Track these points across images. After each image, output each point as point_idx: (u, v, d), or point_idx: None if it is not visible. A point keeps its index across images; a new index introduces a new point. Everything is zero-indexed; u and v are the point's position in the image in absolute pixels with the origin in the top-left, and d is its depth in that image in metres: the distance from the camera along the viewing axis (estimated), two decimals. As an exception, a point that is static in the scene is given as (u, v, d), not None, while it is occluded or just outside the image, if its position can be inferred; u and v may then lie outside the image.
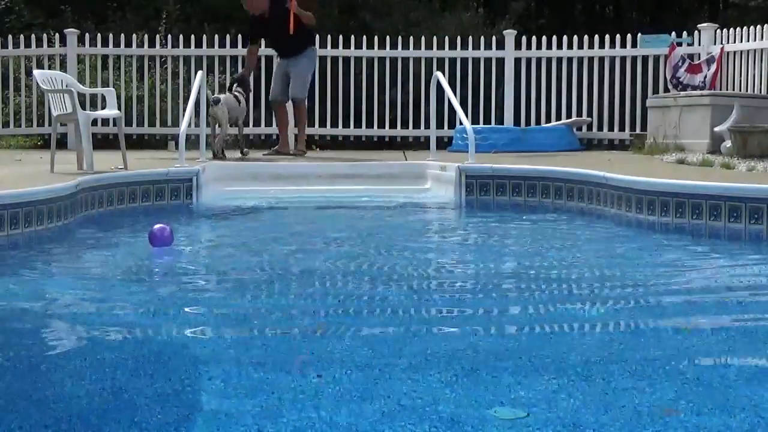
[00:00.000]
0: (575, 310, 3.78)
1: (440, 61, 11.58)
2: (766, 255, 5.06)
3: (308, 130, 11.67)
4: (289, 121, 10.26)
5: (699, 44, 11.00)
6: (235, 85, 9.63)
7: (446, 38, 11.73)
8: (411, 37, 11.83)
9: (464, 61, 11.71)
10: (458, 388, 2.69)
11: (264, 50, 10.85)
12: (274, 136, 11.26)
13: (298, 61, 9.70)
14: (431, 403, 2.54)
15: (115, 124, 9.54)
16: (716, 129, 9.15)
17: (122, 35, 11.83)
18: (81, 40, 11.96)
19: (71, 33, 11.84)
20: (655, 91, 11.06)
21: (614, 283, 4.36)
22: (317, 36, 10.49)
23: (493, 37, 11.95)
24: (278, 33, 9.64)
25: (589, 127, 11.51)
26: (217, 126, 9.20)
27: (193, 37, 11.80)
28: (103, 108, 9.68)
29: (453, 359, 3.00)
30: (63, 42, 11.89)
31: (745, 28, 10.45)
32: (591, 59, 11.47)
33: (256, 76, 11.25)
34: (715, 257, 5.15)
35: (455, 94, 10.05)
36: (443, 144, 10.62)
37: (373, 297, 4.08)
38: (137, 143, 11.26)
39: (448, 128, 11.15)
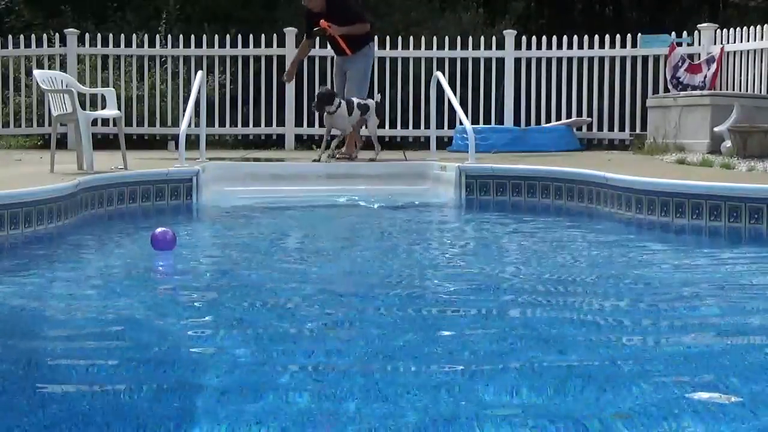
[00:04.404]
0: (574, 310, 3.78)
1: (440, 61, 11.58)
2: (766, 255, 5.06)
3: (307, 131, 11.70)
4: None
5: (699, 44, 11.00)
6: None
7: (446, 38, 11.73)
8: (411, 37, 11.83)
9: (464, 61, 11.71)
10: (457, 387, 2.69)
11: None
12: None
13: (351, 61, 9.40)
14: (430, 402, 2.54)
15: (115, 124, 9.54)
16: (716, 129, 9.15)
17: (122, 35, 11.84)
18: (81, 40, 11.97)
19: (71, 33, 11.85)
20: (655, 91, 11.06)
21: (614, 282, 4.35)
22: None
23: (493, 37, 11.96)
24: (329, 36, 9.38)
25: (589, 127, 11.51)
26: None
27: (193, 37, 11.81)
28: (103, 108, 9.68)
29: (450, 359, 3.00)
30: (63, 42, 11.89)
31: (745, 28, 10.46)
32: (591, 59, 11.47)
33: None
34: (714, 257, 5.14)
35: (455, 94, 10.05)
36: (443, 144, 10.62)
37: (372, 297, 4.07)
38: (137, 143, 11.26)
39: (448, 128, 11.15)
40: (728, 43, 10.62)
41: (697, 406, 2.51)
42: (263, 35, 11.78)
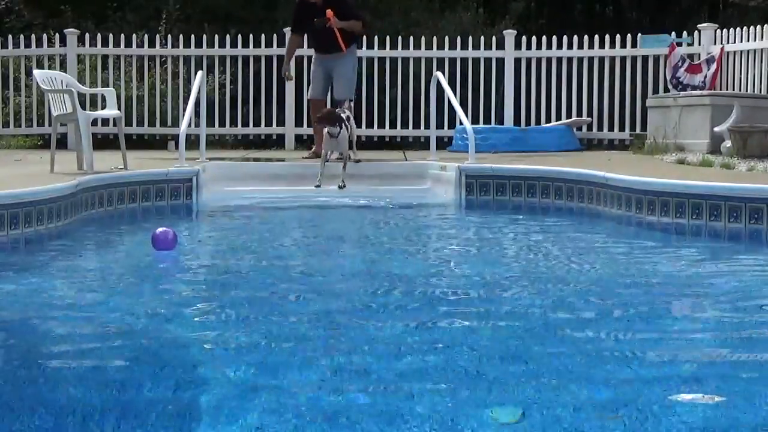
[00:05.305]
0: (574, 311, 3.78)
1: (440, 61, 11.58)
2: (765, 255, 5.06)
3: (307, 131, 11.69)
4: None
5: (699, 44, 11.00)
6: None
7: (446, 38, 11.73)
8: (411, 37, 11.82)
9: (464, 61, 11.70)
10: (456, 387, 2.69)
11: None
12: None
13: (341, 59, 9.11)
14: (430, 403, 2.55)
15: (115, 124, 9.54)
16: (716, 129, 9.16)
17: (122, 35, 11.83)
18: (81, 40, 11.96)
19: (71, 33, 11.84)
20: (655, 91, 11.06)
21: (613, 282, 4.36)
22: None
23: (493, 37, 11.95)
24: (323, 30, 9.02)
25: (589, 127, 11.51)
26: None
27: (193, 37, 11.80)
28: (103, 108, 9.67)
29: (449, 359, 3.00)
30: (63, 42, 11.89)
31: (745, 28, 10.45)
32: (591, 59, 11.47)
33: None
34: (714, 257, 5.15)
35: (455, 94, 10.05)
36: (443, 144, 10.62)
37: (372, 297, 4.07)
38: (137, 143, 11.26)
39: (448, 128, 11.15)
40: (728, 43, 10.62)
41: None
42: (263, 35, 11.77)
